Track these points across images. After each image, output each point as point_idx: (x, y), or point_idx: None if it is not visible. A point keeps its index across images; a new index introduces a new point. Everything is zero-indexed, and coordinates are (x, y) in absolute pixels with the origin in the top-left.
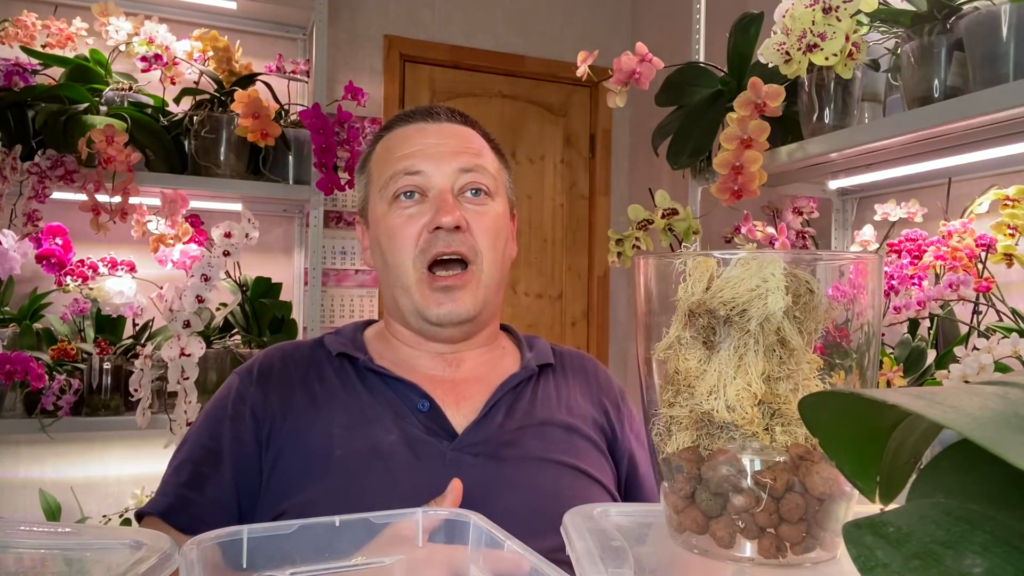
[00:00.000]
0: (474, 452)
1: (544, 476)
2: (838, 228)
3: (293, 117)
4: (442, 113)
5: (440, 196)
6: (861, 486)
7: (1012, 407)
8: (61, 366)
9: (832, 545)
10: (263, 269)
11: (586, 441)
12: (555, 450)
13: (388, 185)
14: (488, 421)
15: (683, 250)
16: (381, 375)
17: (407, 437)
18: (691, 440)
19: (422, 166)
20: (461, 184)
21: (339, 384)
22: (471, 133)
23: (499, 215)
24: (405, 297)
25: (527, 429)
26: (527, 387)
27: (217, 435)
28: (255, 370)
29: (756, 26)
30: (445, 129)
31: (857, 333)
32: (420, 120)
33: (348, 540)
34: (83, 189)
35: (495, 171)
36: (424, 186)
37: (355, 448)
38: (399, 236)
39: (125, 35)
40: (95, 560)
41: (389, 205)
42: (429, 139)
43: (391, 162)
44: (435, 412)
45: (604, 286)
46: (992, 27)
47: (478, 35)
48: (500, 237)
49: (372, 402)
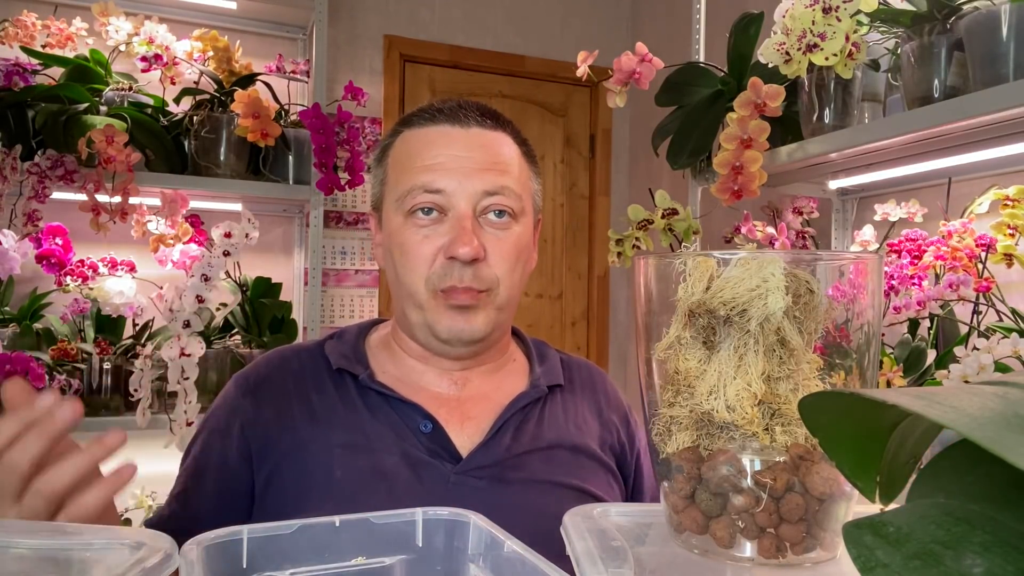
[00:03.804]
0: (478, 476)
1: (549, 499)
2: (838, 228)
3: (293, 117)
4: (471, 118)
5: (459, 221)
6: (861, 486)
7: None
8: (61, 366)
9: (832, 545)
10: (263, 269)
11: (593, 461)
12: (561, 473)
13: (405, 199)
14: (495, 444)
15: (683, 250)
16: (382, 394)
17: (409, 459)
18: (691, 440)
19: (443, 183)
20: (484, 206)
21: (339, 400)
22: (501, 140)
23: (520, 236)
24: (416, 313)
25: (535, 452)
26: (535, 408)
27: (207, 447)
28: (251, 379)
29: (756, 26)
30: (473, 138)
31: (857, 333)
32: (446, 122)
33: (348, 540)
34: (83, 189)
35: (522, 187)
36: (444, 205)
37: (356, 469)
38: (413, 255)
39: (125, 35)
40: (95, 560)
41: (405, 218)
42: (454, 150)
43: (411, 172)
44: (438, 433)
45: (604, 286)
46: (992, 27)
47: (478, 35)
48: (520, 260)
49: (373, 421)
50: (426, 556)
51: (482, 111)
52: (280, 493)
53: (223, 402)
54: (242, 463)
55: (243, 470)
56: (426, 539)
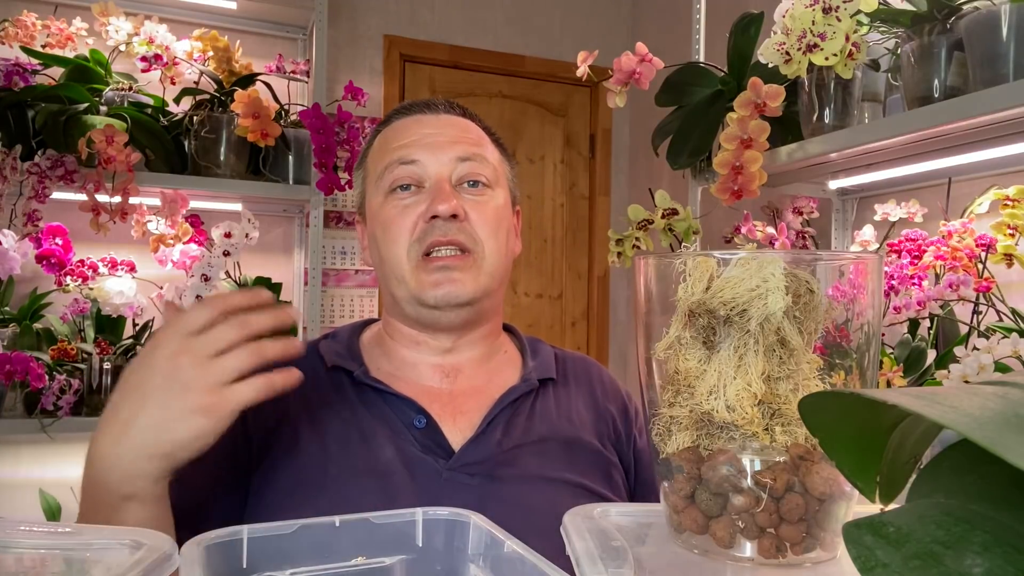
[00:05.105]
0: (470, 472)
1: (543, 495)
2: (838, 228)
3: (293, 117)
4: (440, 105)
5: (437, 185)
6: (861, 486)
7: (1012, 407)
8: (61, 366)
9: (832, 545)
10: (263, 269)
11: (589, 454)
12: (555, 467)
13: (384, 176)
14: (485, 439)
15: (683, 250)
16: (377, 389)
17: (403, 455)
18: (691, 440)
19: (418, 155)
20: (459, 174)
21: (334, 396)
22: (470, 124)
23: (500, 206)
24: (401, 287)
25: (525, 447)
26: (526, 401)
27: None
28: None
29: (756, 26)
30: (443, 120)
31: (857, 333)
32: (417, 112)
33: (348, 540)
34: (83, 189)
35: (495, 162)
36: (420, 176)
37: (350, 465)
38: (394, 227)
39: (125, 35)
40: (95, 560)
41: (385, 197)
42: (426, 129)
43: (387, 153)
44: (432, 429)
45: (604, 286)
46: (992, 27)
47: (478, 35)
48: (502, 227)
49: (367, 417)
50: (426, 556)
51: (450, 102)
52: (275, 488)
53: None
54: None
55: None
56: (426, 539)
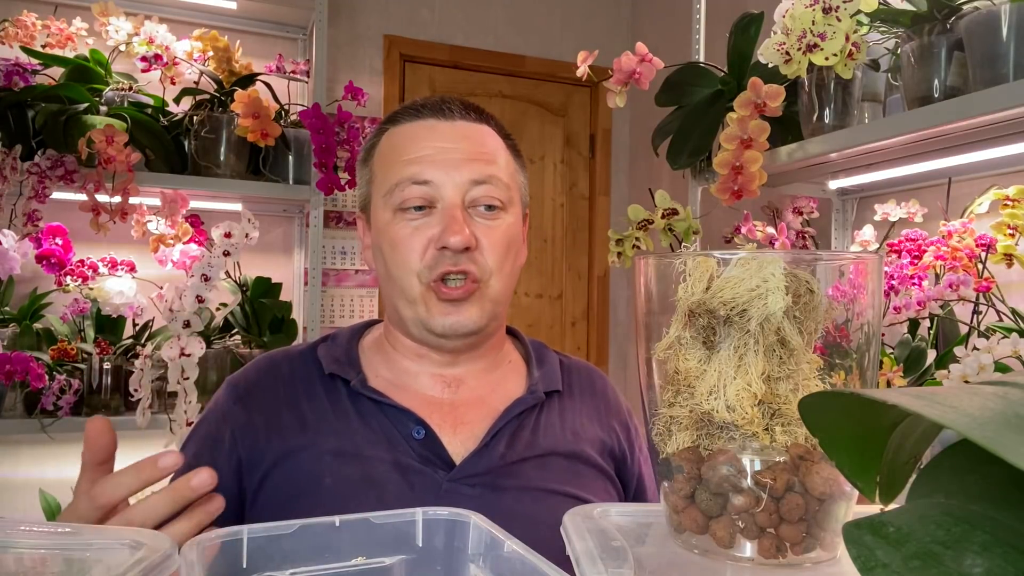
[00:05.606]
0: (471, 483)
1: (544, 507)
2: (838, 228)
3: (293, 117)
4: (455, 110)
5: (449, 211)
6: (861, 486)
7: (1012, 407)
8: (61, 366)
9: (832, 545)
10: (263, 269)
11: (591, 468)
12: (556, 480)
13: (393, 193)
14: (488, 451)
15: (683, 250)
16: (375, 399)
17: (400, 467)
18: (691, 440)
19: (431, 174)
20: (473, 197)
21: (329, 406)
22: (485, 132)
23: (510, 227)
24: (409, 309)
25: (529, 460)
26: (531, 415)
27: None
28: (241, 386)
29: (756, 26)
30: (458, 129)
31: (857, 333)
32: (430, 116)
33: (348, 540)
34: (83, 189)
35: (509, 177)
36: (433, 197)
37: (346, 477)
38: (403, 249)
39: (125, 35)
40: (95, 560)
41: (394, 214)
42: (439, 142)
43: (397, 166)
44: (430, 440)
45: (604, 286)
46: (992, 27)
47: (478, 35)
48: (510, 251)
49: (364, 427)
50: (426, 556)
51: (465, 105)
52: (269, 501)
53: (215, 407)
54: (232, 478)
55: (232, 484)
56: (426, 539)
